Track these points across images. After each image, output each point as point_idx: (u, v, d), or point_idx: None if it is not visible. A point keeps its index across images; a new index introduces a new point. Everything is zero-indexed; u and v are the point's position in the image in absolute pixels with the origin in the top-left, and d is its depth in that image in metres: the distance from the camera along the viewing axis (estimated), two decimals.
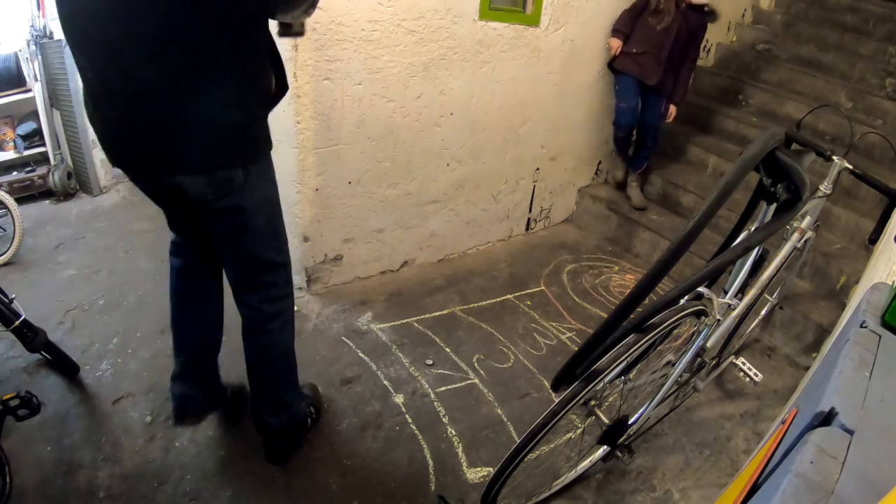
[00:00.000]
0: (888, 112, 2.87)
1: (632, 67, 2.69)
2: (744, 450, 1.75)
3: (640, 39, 2.65)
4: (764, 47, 3.50)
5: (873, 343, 0.77)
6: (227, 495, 1.46)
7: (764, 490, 0.64)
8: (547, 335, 2.23)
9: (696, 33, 2.68)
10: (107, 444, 1.58)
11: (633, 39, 2.67)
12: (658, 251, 2.65)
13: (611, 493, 1.56)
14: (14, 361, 1.83)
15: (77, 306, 2.15)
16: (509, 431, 1.75)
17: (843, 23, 3.44)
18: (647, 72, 2.68)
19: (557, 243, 2.97)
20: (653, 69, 2.68)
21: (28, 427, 1.55)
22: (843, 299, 2.23)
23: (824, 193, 1.58)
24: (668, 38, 2.62)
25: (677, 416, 1.81)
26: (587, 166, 3.16)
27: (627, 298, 1.06)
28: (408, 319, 2.22)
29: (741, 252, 1.16)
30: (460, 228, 2.63)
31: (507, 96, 2.47)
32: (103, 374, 1.83)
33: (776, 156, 1.19)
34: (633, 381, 1.45)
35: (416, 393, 1.86)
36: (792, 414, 0.81)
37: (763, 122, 3.09)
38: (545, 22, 2.44)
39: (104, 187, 3.18)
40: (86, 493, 1.43)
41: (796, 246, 1.61)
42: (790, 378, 2.08)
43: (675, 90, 2.79)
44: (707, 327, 1.36)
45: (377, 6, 1.94)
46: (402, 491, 1.53)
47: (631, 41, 2.68)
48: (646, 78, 2.69)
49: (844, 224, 2.48)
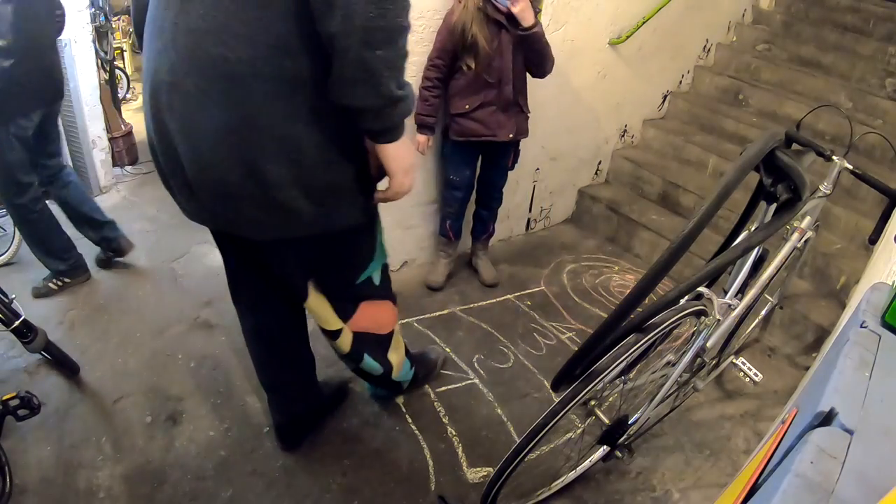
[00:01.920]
0: (888, 112, 2.86)
1: (473, 129, 2.10)
2: (744, 450, 1.75)
3: (470, 91, 2.05)
4: (764, 47, 3.50)
5: (873, 343, 0.77)
6: (227, 495, 1.46)
7: (764, 490, 0.64)
8: (547, 335, 2.23)
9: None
10: (107, 444, 1.58)
11: (460, 97, 2.07)
12: (658, 251, 2.65)
13: (611, 493, 1.57)
14: (14, 361, 1.83)
15: (77, 306, 2.15)
16: (509, 431, 1.75)
17: (843, 23, 3.43)
18: (494, 127, 2.10)
19: (557, 243, 2.97)
20: (501, 119, 2.10)
21: (28, 427, 1.55)
22: (843, 299, 2.23)
23: (824, 193, 1.58)
24: (504, 65, 2.01)
25: (677, 416, 1.81)
26: (587, 166, 3.16)
27: (627, 298, 1.06)
28: (408, 319, 2.22)
29: (741, 252, 1.16)
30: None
31: None
32: (103, 374, 1.83)
33: (776, 156, 1.20)
34: (633, 381, 1.45)
35: (416, 393, 1.86)
36: (792, 414, 0.81)
37: (763, 122, 3.09)
38: (545, 22, 2.43)
39: (104, 187, 3.18)
40: (86, 493, 1.44)
41: (796, 246, 1.61)
42: (790, 378, 2.08)
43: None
44: (707, 327, 1.36)
45: None
46: (402, 491, 1.53)
47: (457, 101, 2.08)
48: (497, 135, 2.12)
49: (844, 224, 2.48)
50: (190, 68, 0.93)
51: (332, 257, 1.27)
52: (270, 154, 0.97)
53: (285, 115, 0.95)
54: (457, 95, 2.09)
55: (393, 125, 1.01)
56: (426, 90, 2.07)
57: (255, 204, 1.03)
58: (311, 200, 1.04)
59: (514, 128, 2.18)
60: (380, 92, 0.93)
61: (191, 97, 0.94)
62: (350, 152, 1.06)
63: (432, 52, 2.06)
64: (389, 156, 1.05)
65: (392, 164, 1.06)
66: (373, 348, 1.49)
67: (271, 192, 1.00)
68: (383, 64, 0.89)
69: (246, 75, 0.91)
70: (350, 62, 0.88)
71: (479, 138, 2.14)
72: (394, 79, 0.93)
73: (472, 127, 2.11)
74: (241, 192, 1.01)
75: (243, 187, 0.99)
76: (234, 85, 0.92)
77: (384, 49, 0.88)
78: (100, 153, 3.10)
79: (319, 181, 1.04)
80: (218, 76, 0.92)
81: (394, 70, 0.92)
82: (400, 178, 1.08)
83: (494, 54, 2.00)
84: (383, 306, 1.47)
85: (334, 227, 1.14)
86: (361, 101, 0.93)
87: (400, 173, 1.08)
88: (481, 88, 2.06)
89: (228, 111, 0.94)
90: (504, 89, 2.07)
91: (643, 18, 2.79)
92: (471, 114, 2.09)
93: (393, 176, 1.08)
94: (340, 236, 1.19)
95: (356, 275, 1.33)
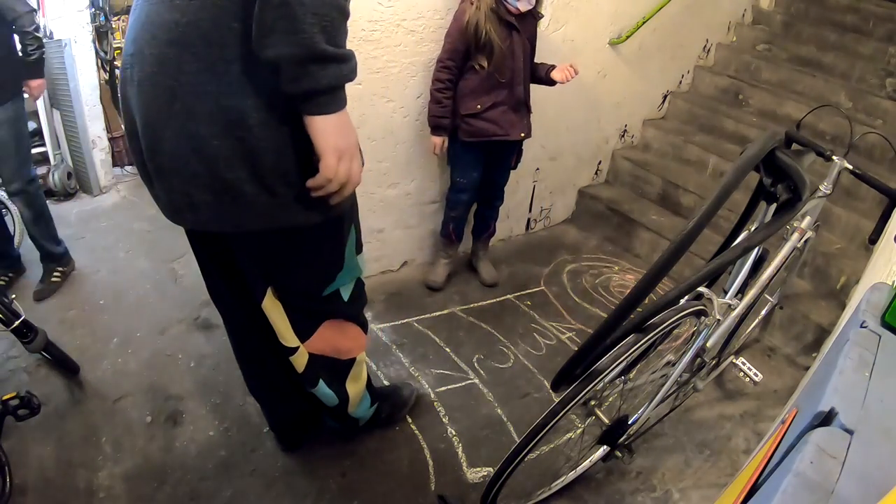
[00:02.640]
0: (888, 112, 2.86)
1: (485, 129, 2.10)
2: (744, 450, 1.75)
3: (482, 91, 2.06)
4: (764, 47, 3.50)
5: (873, 343, 0.77)
6: (227, 495, 1.46)
7: (764, 490, 0.64)
8: (547, 335, 2.23)
9: (533, 39, 2.16)
10: (107, 444, 1.58)
11: (472, 97, 2.07)
12: (658, 251, 2.65)
13: (611, 493, 1.56)
14: (14, 361, 1.83)
15: (77, 306, 2.15)
16: (509, 431, 1.75)
17: (843, 23, 3.43)
18: (506, 126, 2.12)
19: (557, 243, 2.97)
20: (513, 118, 2.13)
21: (28, 427, 1.55)
22: (843, 299, 2.22)
23: (824, 193, 1.57)
24: (515, 65, 2.05)
25: (677, 416, 1.81)
26: (587, 166, 3.16)
27: (627, 298, 1.06)
28: (408, 319, 2.22)
29: (741, 252, 1.16)
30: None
31: None
32: (103, 374, 1.83)
33: (776, 156, 1.19)
34: (633, 381, 1.45)
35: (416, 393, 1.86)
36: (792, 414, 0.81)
37: (763, 122, 3.09)
38: (545, 22, 2.43)
39: (104, 187, 3.18)
40: (86, 493, 1.44)
41: (796, 246, 1.61)
42: (790, 378, 2.08)
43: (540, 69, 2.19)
44: (707, 327, 1.36)
45: (377, 6, 1.94)
46: (402, 491, 1.53)
47: (469, 101, 2.07)
48: (510, 134, 2.15)
49: (844, 224, 2.47)
50: (148, 37, 0.89)
51: (290, 261, 1.15)
52: (216, 128, 0.89)
53: (231, 84, 0.87)
54: (468, 96, 2.08)
55: (319, 88, 0.87)
56: (439, 92, 2.07)
57: (202, 185, 0.94)
58: (260, 186, 0.95)
59: (526, 127, 2.21)
60: (301, 40, 0.81)
61: (146, 66, 0.90)
62: (304, 135, 0.94)
63: (443, 54, 2.06)
64: (318, 131, 0.91)
65: (320, 142, 0.91)
66: (329, 375, 1.38)
67: (217, 172, 0.92)
68: (306, 8, 0.80)
69: (194, 39, 0.85)
70: (270, 6, 0.80)
71: (493, 138, 2.14)
72: (321, 29, 0.82)
73: (485, 127, 2.11)
74: (186, 169, 0.93)
75: (188, 163, 0.92)
76: (183, 50, 0.86)
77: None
78: (100, 153, 3.10)
79: (268, 164, 0.93)
80: (169, 42, 0.87)
81: (320, 18, 0.82)
82: (329, 159, 0.92)
83: (508, 54, 2.02)
84: (348, 329, 1.35)
85: (289, 223, 1.02)
86: (278, 50, 0.82)
87: (329, 153, 0.92)
88: (493, 88, 2.06)
89: (176, 79, 0.88)
90: (516, 89, 2.09)
91: (643, 18, 2.79)
92: (483, 114, 2.09)
93: (322, 156, 0.92)
94: (299, 237, 1.09)
95: (320, 286, 1.22)
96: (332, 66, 0.87)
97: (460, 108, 2.10)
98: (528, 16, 2.08)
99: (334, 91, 0.90)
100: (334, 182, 0.96)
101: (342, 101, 0.93)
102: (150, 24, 0.89)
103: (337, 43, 0.86)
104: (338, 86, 0.90)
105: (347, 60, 0.89)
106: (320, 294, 1.23)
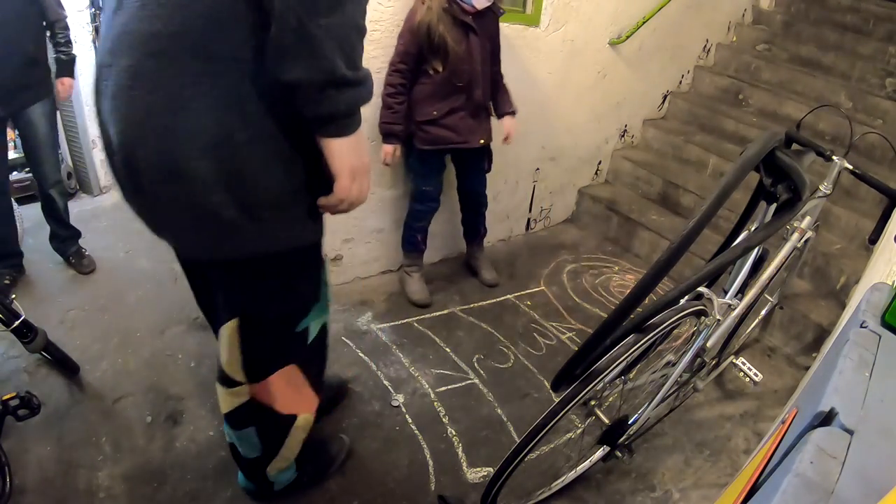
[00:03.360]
0: (888, 112, 2.87)
1: (443, 137, 2.00)
2: (744, 450, 1.75)
3: (438, 96, 1.95)
4: (764, 47, 3.50)
5: (873, 343, 0.77)
6: (227, 495, 1.46)
7: (764, 490, 0.64)
8: (547, 335, 2.23)
9: (494, 39, 2.04)
10: (107, 444, 1.58)
11: (428, 103, 1.96)
12: (658, 251, 2.65)
13: (611, 493, 1.56)
14: (14, 361, 1.83)
15: (77, 306, 2.15)
16: (509, 431, 1.75)
17: (843, 23, 3.43)
18: (465, 133, 2.02)
19: (557, 243, 2.97)
20: (472, 125, 2.03)
21: (28, 427, 1.55)
22: (843, 299, 2.23)
23: (824, 193, 1.58)
24: (473, 68, 1.94)
25: (677, 416, 1.81)
26: (587, 166, 3.16)
27: (627, 298, 1.06)
28: (408, 319, 2.22)
29: (741, 252, 1.16)
30: (460, 229, 2.63)
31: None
32: (103, 374, 1.83)
33: (776, 156, 1.20)
34: (632, 381, 1.45)
35: (416, 393, 1.86)
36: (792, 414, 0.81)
37: (763, 122, 3.09)
38: (545, 22, 2.44)
39: (104, 187, 3.18)
40: (86, 493, 1.43)
41: (796, 246, 1.61)
42: (790, 378, 2.08)
43: (500, 103, 2.13)
44: (707, 327, 1.36)
45: (377, 6, 1.94)
46: (402, 491, 1.53)
47: (424, 107, 1.96)
48: (468, 141, 2.05)
49: (844, 224, 2.48)
50: (122, 47, 0.84)
51: (270, 288, 1.07)
52: (196, 146, 0.83)
53: (216, 99, 0.82)
54: (423, 101, 1.96)
55: (338, 112, 0.85)
56: (390, 97, 1.94)
57: (180, 210, 0.89)
58: (242, 211, 0.89)
59: (486, 133, 2.10)
60: (321, 66, 0.79)
61: (121, 80, 0.84)
62: (297, 154, 0.91)
63: (394, 57, 1.93)
64: (334, 153, 0.90)
65: (336, 163, 0.90)
66: (265, 427, 1.24)
67: (196, 196, 0.86)
68: (326, 33, 0.77)
69: (176, 52, 0.80)
70: (289, 29, 0.76)
71: (451, 146, 2.04)
72: (340, 53, 0.79)
73: (442, 134, 2.00)
74: (163, 192, 0.88)
75: (165, 185, 0.86)
76: (163, 63, 0.81)
77: (329, 16, 0.76)
78: (100, 153, 3.09)
79: (254, 185, 0.89)
80: (147, 54, 0.81)
81: (340, 42, 0.79)
82: (345, 181, 0.92)
83: (464, 56, 1.90)
84: (303, 384, 1.22)
85: (274, 248, 0.98)
86: (298, 74, 0.79)
87: (345, 175, 0.91)
88: (450, 93, 1.95)
89: (154, 93, 0.82)
90: (474, 93, 1.98)
91: (643, 18, 2.79)
92: (440, 120, 1.97)
93: (337, 177, 0.92)
94: (282, 262, 1.02)
95: (296, 317, 1.13)
96: (350, 91, 0.84)
97: (415, 115, 1.98)
98: (488, 13, 1.94)
99: (352, 114, 0.88)
100: (346, 202, 0.95)
101: (358, 122, 0.90)
102: (125, 35, 0.84)
103: (356, 65, 0.84)
104: (354, 109, 0.88)
105: (364, 82, 0.87)
106: (294, 328, 1.14)
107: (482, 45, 1.95)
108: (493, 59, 2.06)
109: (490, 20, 1.98)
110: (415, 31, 1.86)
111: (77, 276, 2.36)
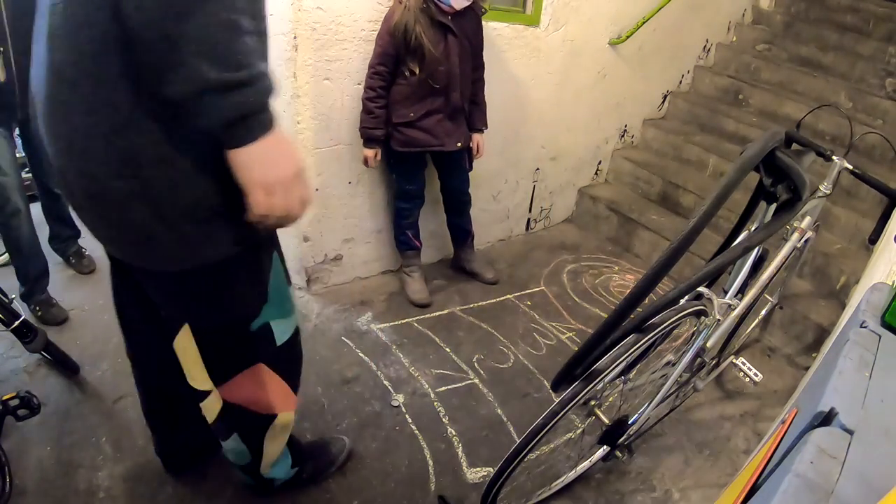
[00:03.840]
0: (888, 112, 2.87)
1: (419, 139, 2.00)
2: (744, 450, 1.75)
3: (415, 98, 1.94)
4: (764, 47, 3.50)
5: (873, 343, 0.77)
6: (229, 494, 1.46)
7: (764, 490, 0.64)
8: (547, 335, 2.23)
9: (475, 40, 2.00)
10: (107, 444, 1.58)
11: (404, 105, 1.95)
12: (658, 251, 2.64)
13: (611, 493, 1.56)
14: (14, 361, 1.83)
15: (77, 306, 2.15)
16: (509, 431, 1.75)
17: (843, 23, 3.43)
18: (441, 136, 2.01)
19: (557, 243, 2.97)
20: (449, 127, 2.02)
21: (28, 427, 1.55)
22: (843, 299, 2.23)
23: (824, 193, 1.58)
24: (451, 70, 1.92)
25: (677, 416, 1.81)
26: (587, 166, 3.16)
27: (627, 298, 1.06)
28: (408, 319, 2.22)
29: (741, 252, 1.16)
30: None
31: (506, 96, 2.47)
32: (103, 374, 1.83)
33: (776, 156, 1.19)
34: (633, 381, 1.45)
35: (416, 393, 1.86)
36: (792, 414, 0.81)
37: (763, 122, 3.09)
38: (545, 22, 2.44)
39: None
40: (86, 493, 1.43)
41: (796, 246, 1.61)
42: (790, 378, 2.08)
43: (474, 117, 2.13)
44: (707, 327, 1.36)
45: (377, 6, 1.94)
46: (402, 491, 1.53)
47: (401, 109, 1.95)
48: (445, 145, 2.03)
49: (844, 224, 2.48)
50: (42, 78, 0.84)
51: (208, 297, 1.05)
52: (111, 169, 0.83)
53: (117, 122, 0.80)
54: (400, 103, 1.94)
55: (228, 120, 0.77)
56: (370, 101, 1.93)
57: (113, 225, 0.91)
58: (164, 225, 0.87)
59: (463, 136, 2.09)
60: (185, 75, 0.72)
61: (45, 108, 0.85)
62: (208, 166, 0.86)
63: (374, 59, 1.91)
64: (237, 164, 0.82)
65: (241, 175, 0.82)
66: (246, 429, 1.23)
67: (121, 212, 0.87)
68: (186, 39, 0.70)
69: (78, 78, 0.79)
70: (147, 42, 0.71)
71: (427, 149, 2.03)
72: (207, 57, 0.72)
73: (419, 137, 1.98)
74: (94, 210, 0.90)
75: (94, 205, 0.88)
76: (72, 91, 0.80)
77: (183, 21, 0.70)
78: None
79: (169, 202, 0.86)
80: (58, 82, 0.81)
81: (204, 45, 0.72)
82: (257, 195, 0.84)
83: (441, 58, 1.88)
84: (272, 384, 1.19)
85: (200, 261, 0.95)
86: (169, 88, 0.74)
87: (257, 189, 0.83)
88: (427, 95, 1.93)
89: (67, 122, 0.82)
90: (452, 96, 1.96)
91: (643, 18, 2.79)
92: (416, 123, 1.96)
93: (248, 193, 0.84)
94: (213, 272, 0.99)
95: (246, 320, 1.10)
96: (234, 94, 0.75)
97: (392, 116, 1.96)
98: (468, 12, 1.91)
99: (244, 120, 0.78)
100: (271, 218, 0.87)
101: (259, 129, 0.80)
102: (40, 66, 0.84)
103: (237, 65, 0.74)
104: (247, 113, 0.78)
105: (253, 82, 0.77)
106: (248, 330, 1.10)
107: (461, 45, 1.92)
108: (473, 61, 2.03)
109: (470, 20, 1.95)
110: (392, 32, 1.84)
111: (77, 276, 2.36)
